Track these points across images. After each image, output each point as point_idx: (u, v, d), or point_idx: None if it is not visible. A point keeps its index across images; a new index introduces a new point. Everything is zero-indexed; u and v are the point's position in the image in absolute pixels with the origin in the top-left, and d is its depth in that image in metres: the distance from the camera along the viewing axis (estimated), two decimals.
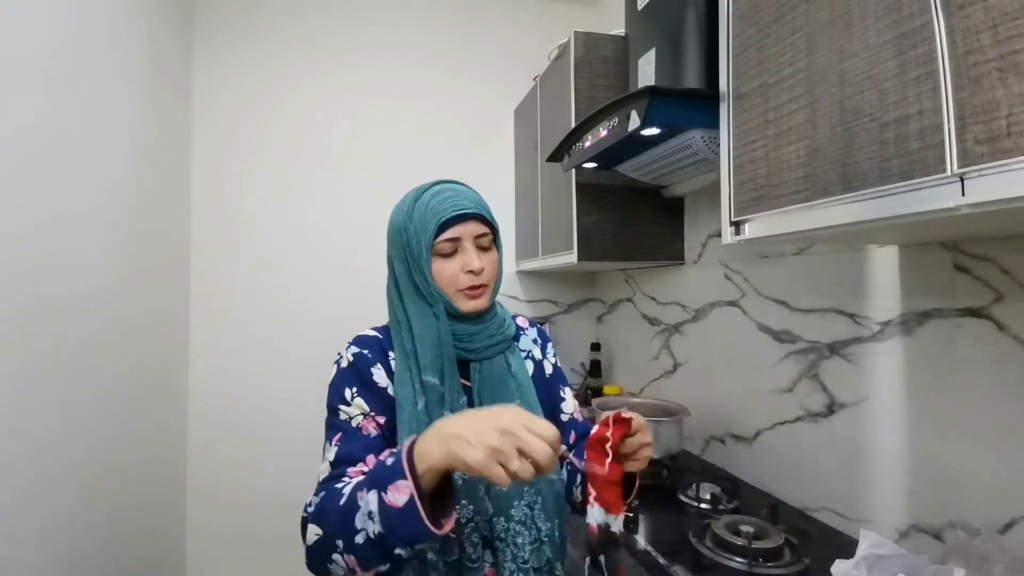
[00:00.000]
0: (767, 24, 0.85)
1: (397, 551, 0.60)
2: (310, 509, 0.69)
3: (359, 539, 0.60)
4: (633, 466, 0.73)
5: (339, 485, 0.68)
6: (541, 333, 0.98)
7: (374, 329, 0.87)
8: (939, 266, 0.96)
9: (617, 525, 0.70)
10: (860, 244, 1.11)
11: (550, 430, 0.59)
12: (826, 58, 0.74)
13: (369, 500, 0.60)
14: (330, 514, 0.65)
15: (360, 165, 2.25)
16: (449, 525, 0.61)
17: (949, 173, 0.56)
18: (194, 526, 2.07)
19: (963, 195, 0.55)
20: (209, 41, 2.10)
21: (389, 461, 0.62)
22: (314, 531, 0.66)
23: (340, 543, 0.63)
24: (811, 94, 0.76)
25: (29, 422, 1.16)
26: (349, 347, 0.82)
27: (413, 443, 0.62)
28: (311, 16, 2.22)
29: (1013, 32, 0.50)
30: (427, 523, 0.58)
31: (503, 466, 0.57)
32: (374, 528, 0.59)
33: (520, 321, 0.96)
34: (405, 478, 0.58)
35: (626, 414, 0.71)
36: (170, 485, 1.95)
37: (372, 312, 0.90)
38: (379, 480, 0.60)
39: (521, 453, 0.57)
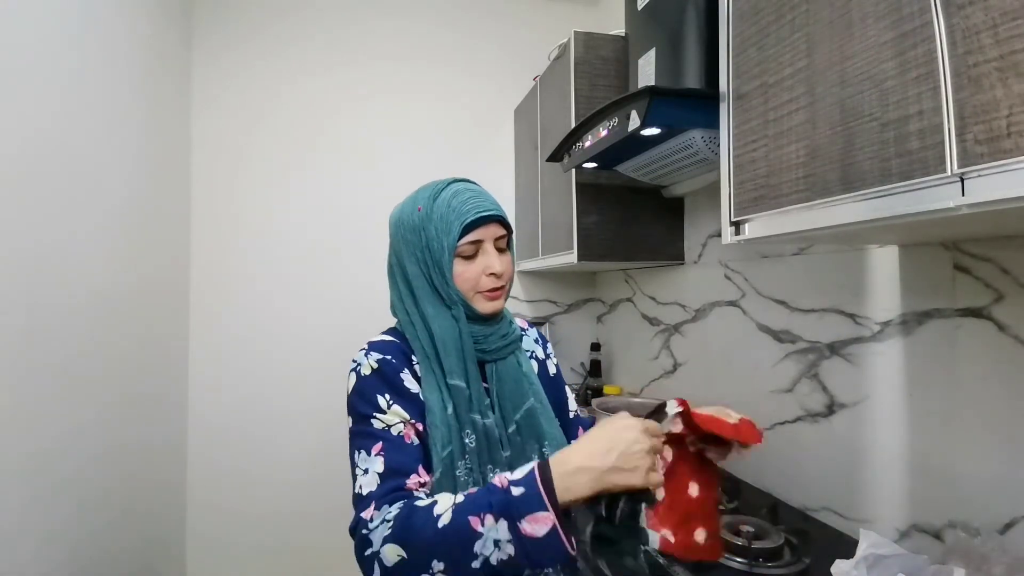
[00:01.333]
0: (767, 24, 0.85)
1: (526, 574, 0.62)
2: (374, 526, 0.65)
3: (476, 564, 0.61)
4: None
5: (422, 503, 0.66)
6: (540, 334, 1.01)
7: (386, 334, 0.84)
8: (939, 266, 0.96)
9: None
10: (860, 244, 1.11)
11: (657, 426, 0.69)
12: (826, 58, 0.74)
13: (497, 529, 0.61)
14: (423, 537, 0.62)
15: (360, 165, 2.25)
16: (575, 544, 0.64)
17: (949, 173, 0.56)
18: (194, 536, 2.06)
19: (963, 195, 0.55)
20: (209, 39, 2.10)
21: (517, 491, 0.62)
22: (396, 552, 0.63)
23: (440, 564, 0.61)
24: (811, 94, 0.76)
25: (28, 432, 1.15)
26: (368, 353, 0.78)
27: (544, 473, 0.63)
28: (311, 15, 2.21)
29: (1013, 32, 0.50)
30: (568, 548, 0.61)
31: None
32: (499, 556, 0.61)
33: (520, 322, 0.97)
34: (546, 510, 0.61)
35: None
36: (169, 495, 1.94)
37: (375, 317, 0.89)
38: (509, 510, 0.61)
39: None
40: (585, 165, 1.54)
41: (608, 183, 1.70)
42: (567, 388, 1.00)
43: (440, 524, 0.62)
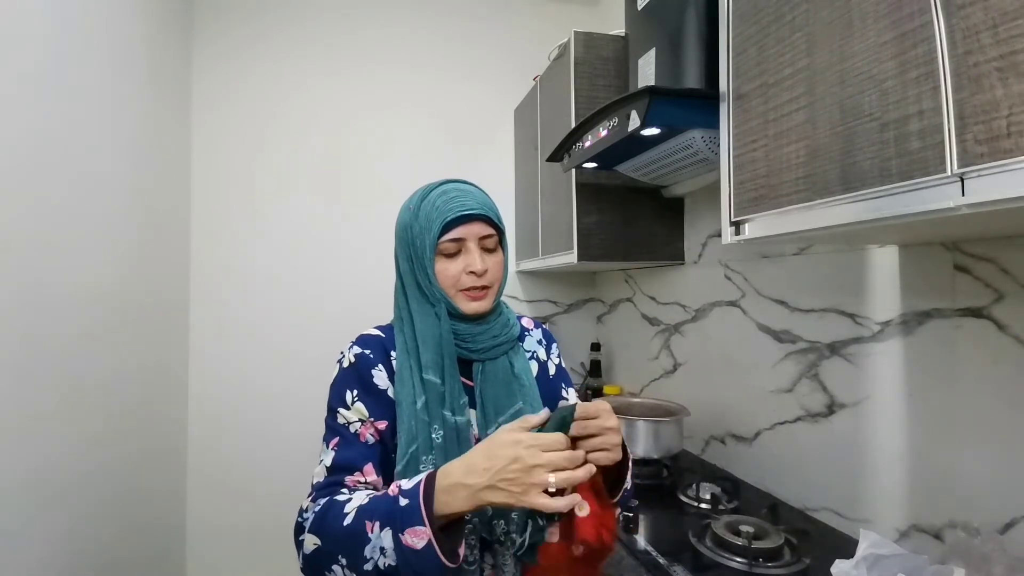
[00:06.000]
0: (767, 24, 0.85)
1: None
2: (307, 515, 0.70)
3: (367, 567, 0.63)
4: (601, 457, 0.69)
5: (340, 498, 0.70)
6: (546, 334, 0.97)
7: (378, 328, 0.86)
8: (939, 266, 0.96)
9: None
10: (860, 244, 1.11)
11: (555, 439, 0.63)
12: (826, 58, 0.74)
13: (383, 537, 0.62)
14: (332, 531, 0.66)
15: (360, 165, 2.25)
16: (462, 553, 0.65)
17: (949, 173, 0.56)
18: (195, 518, 2.08)
19: (963, 195, 0.55)
20: (209, 47, 2.10)
21: (403, 502, 0.63)
22: (312, 540, 0.68)
23: (344, 560, 0.65)
24: (811, 94, 0.76)
25: (29, 414, 1.16)
26: (352, 346, 0.82)
27: (429, 487, 0.64)
28: (311, 21, 2.21)
29: (1013, 32, 0.50)
30: (445, 562, 0.62)
31: (544, 491, 0.60)
32: (386, 562, 0.62)
33: (525, 322, 0.95)
34: (423, 525, 0.61)
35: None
36: (171, 477, 1.95)
37: (371, 310, 0.90)
38: (393, 520, 0.63)
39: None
40: (585, 165, 1.54)
41: (608, 183, 1.70)
42: (569, 390, 0.95)
43: (345, 523, 0.66)
